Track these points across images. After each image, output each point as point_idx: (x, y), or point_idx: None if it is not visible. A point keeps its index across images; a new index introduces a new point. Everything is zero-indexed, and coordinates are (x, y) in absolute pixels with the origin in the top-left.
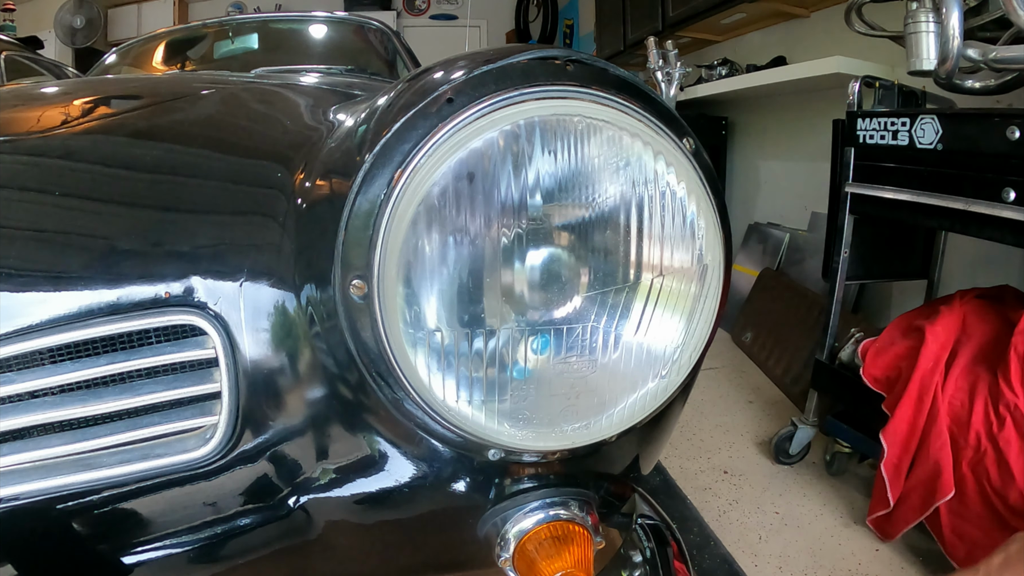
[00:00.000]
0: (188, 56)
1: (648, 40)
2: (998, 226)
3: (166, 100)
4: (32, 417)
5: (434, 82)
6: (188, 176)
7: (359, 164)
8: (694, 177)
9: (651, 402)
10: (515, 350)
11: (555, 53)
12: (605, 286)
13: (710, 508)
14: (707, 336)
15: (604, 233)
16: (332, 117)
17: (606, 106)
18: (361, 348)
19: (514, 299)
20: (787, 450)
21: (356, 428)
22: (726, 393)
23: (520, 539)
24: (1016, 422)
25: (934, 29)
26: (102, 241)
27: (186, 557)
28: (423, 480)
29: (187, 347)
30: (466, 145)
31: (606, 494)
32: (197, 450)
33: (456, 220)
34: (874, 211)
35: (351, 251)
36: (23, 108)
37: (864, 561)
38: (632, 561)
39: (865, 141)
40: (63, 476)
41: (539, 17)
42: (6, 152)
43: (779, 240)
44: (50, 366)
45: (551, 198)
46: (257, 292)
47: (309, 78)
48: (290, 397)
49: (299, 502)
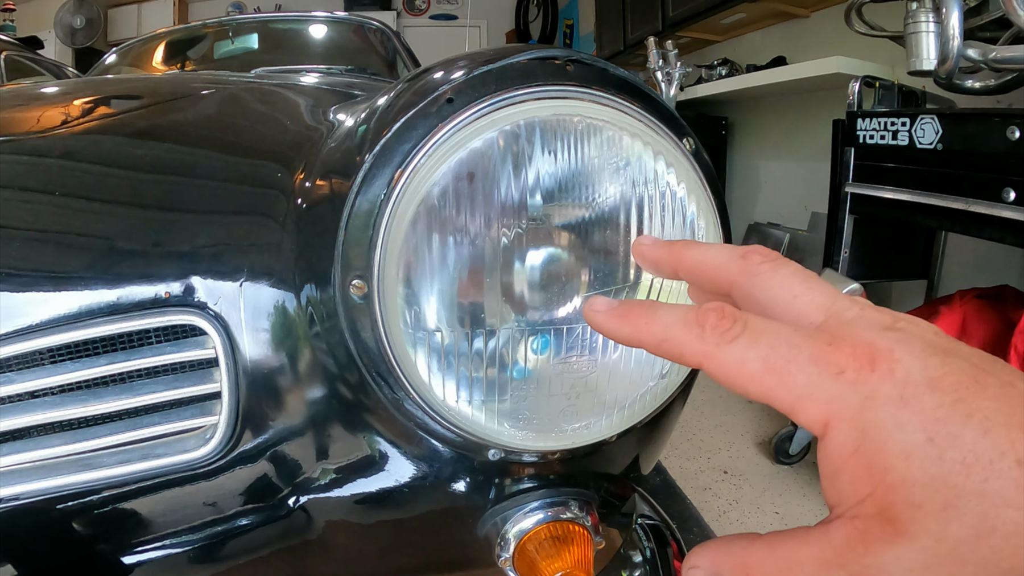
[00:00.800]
0: (188, 56)
1: (648, 40)
2: (998, 226)
3: (166, 100)
4: (32, 417)
5: (434, 82)
6: (188, 176)
7: (359, 164)
8: (694, 177)
9: (651, 402)
10: (515, 350)
11: (555, 53)
12: (605, 286)
13: (710, 508)
14: None
15: (604, 233)
16: (332, 117)
17: (606, 106)
18: (361, 348)
19: (514, 299)
20: (787, 450)
21: (356, 428)
22: (726, 393)
23: (520, 539)
24: None
25: (934, 29)
26: (102, 241)
27: (186, 557)
28: (423, 480)
29: (187, 347)
30: (466, 145)
31: (606, 494)
32: (197, 450)
33: (456, 220)
34: (874, 211)
35: (351, 251)
36: (23, 108)
37: None
38: (632, 561)
39: (865, 141)
40: (63, 476)
41: (539, 17)
42: (6, 152)
43: (779, 240)
44: (50, 366)
45: (551, 198)
46: (257, 292)
47: (309, 78)
48: (290, 397)
49: (299, 502)
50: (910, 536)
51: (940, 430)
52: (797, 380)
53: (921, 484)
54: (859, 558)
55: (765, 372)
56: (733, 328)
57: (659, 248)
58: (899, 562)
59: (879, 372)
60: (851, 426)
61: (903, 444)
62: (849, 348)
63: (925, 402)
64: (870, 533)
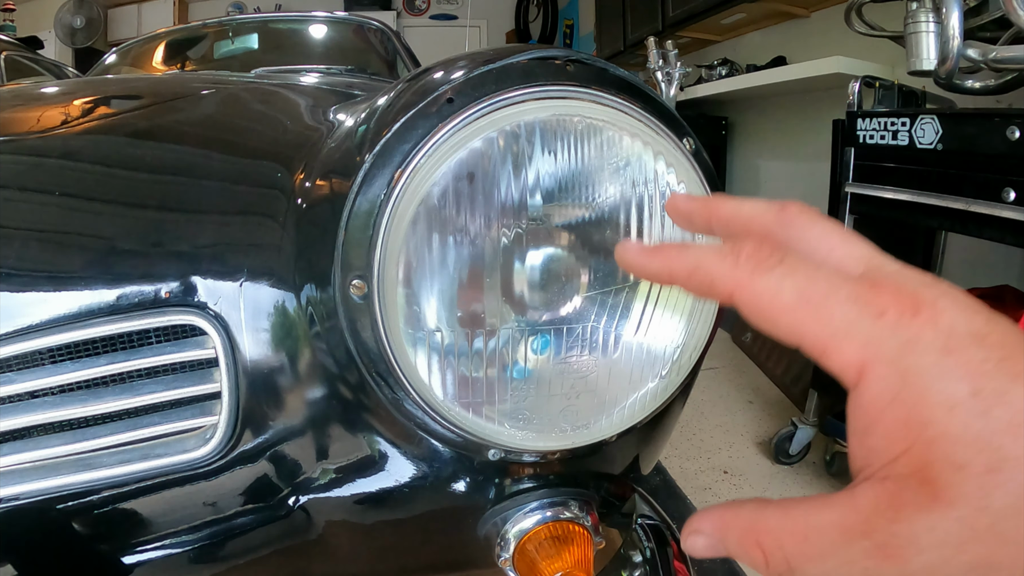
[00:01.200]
0: (188, 56)
1: (648, 40)
2: (998, 226)
3: (166, 100)
4: (32, 417)
5: (434, 82)
6: (188, 176)
7: (359, 164)
8: (694, 177)
9: (651, 402)
10: (515, 350)
11: (555, 53)
12: (605, 286)
13: None
14: (707, 336)
15: (604, 233)
16: (332, 117)
17: (606, 106)
18: (361, 348)
19: (514, 299)
20: (787, 450)
21: (356, 428)
22: (726, 393)
23: (520, 539)
24: None
25: (934, 29)
26: (102, 241)
27: (186, 557)
28: (423, 480)
29: (187, 347)
30: (466, 145)
31: (606, 494)
32: (197, 450)
33: (456, 220)
34: (874, 211)
35: (351, 251)
36: (23, 108)
37: None
38: (632, 561)
39: (865, 141)
40: (63, 476)
41: (539, 17)
42: (6, 152)
43: None
44: (50, 366)
45: (551, 198)
46: (257, 292)
47: (309, 78)
48: (290, 397)
49: (299, 502)
50: (948, 501)
51: (986, 384)
52: (834, 316)
53: (964, 442)
54: (887, 525)
55: (800, 304)
56: (770, 259)
57: (693, 201)
58: (932, 533)
59: (922, 318)
60: (890, 370)
61: (946, 394)
62: (892, 293)
63: (971, 354)
64: (903, 496)
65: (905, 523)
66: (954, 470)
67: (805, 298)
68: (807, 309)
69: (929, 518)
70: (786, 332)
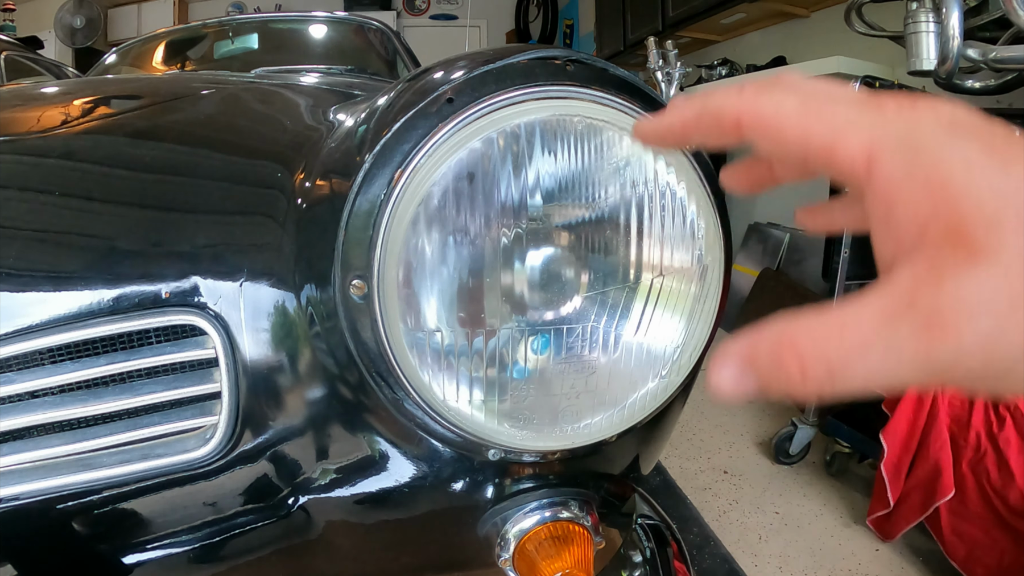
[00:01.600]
0: (188, 56)
1: (648, 40)
2: None
3: (166, 100)
4: (32, 417)
5: (434, 82)
6: (188, 176)
7: (359, 164)
8: (694, 177)
9: (651, 402)
10: (515, 350)
11: (555, 53)
12: (605, 286)
13: (710, 508)
14: (707, 336)
15: (604, 233)
16: (332, 117)
17: (606, 106)
18: (361, 348)
19: (514, 299)
20: (787, 450)
21: (356, 428)
22: None
23: (520, 539)
24: (1016, 422)
25: (934, 29)
26: (102, 241)
27: (186, 557)
28: (423, 480)
29: (187, 347)
30: (466, 145)
31: (606, 494)
32: (197, 450)
33: (456, 220)
34: None
35: (351, 251)
36: (23, 108)
37: (864, 561)
38: (632, 561)
39: None
40: (63, 476)
41: (539, 17)
42: (6, 152)
43: (779, 240)
44: (50, 366)
45: (551, 198)
46: (257, 292)
47: (309, 78)
48: (290, 397)
49: (299, 502)
50: (989, 254)
51: (998, 146)
52: (837, 115)
53: (990, 195)
54: (932, 297)
55: (804, 110)
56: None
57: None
58: (980, 292)
59: (922, 109)
60: (899, 148)
61: (960, 155)
62: (890, 96)
63: (976, 128)
64: (941, 260)
65: (950, 286)
66: (987, 223)
67: (807, 107)
68: (811, 114)
69: (975, 275)
70: (792, 140)
